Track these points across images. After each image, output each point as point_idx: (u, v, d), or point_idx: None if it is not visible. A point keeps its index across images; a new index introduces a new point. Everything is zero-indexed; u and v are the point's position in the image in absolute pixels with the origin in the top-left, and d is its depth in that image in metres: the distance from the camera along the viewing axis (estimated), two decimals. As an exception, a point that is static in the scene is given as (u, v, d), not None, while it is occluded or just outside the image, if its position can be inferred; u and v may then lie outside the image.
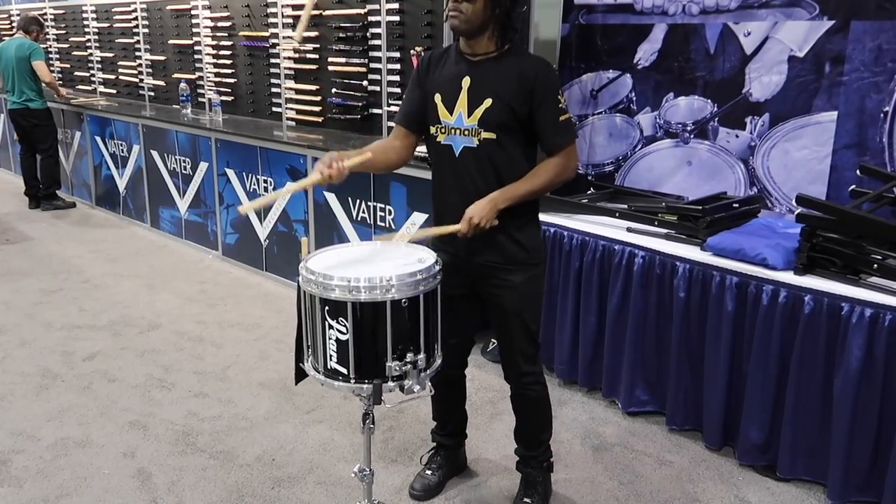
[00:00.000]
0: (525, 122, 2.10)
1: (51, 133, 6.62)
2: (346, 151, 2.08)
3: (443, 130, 2.15)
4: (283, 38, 4.89)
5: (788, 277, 2.50)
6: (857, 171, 2.82)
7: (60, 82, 7.25)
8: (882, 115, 2.79)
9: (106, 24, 6.88)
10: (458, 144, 2.12)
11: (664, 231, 2.96)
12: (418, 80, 2.22)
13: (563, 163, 2.11)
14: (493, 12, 2.03)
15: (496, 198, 2.06)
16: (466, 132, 2.10)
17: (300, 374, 2.09)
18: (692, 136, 3.37)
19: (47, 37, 7.62)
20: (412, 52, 3.93)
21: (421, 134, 2.24)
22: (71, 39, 7.48)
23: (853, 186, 2.83)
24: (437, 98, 2.15)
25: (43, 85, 6.45)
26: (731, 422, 2.74)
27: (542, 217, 3.22)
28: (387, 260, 2.04)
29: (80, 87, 7.47)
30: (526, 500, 2.40)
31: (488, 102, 2.06)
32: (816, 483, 2.56)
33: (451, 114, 2.12)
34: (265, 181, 4.62)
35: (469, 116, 2.09)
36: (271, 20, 4.98)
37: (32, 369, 3.47)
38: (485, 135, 2.08)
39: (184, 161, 5.36)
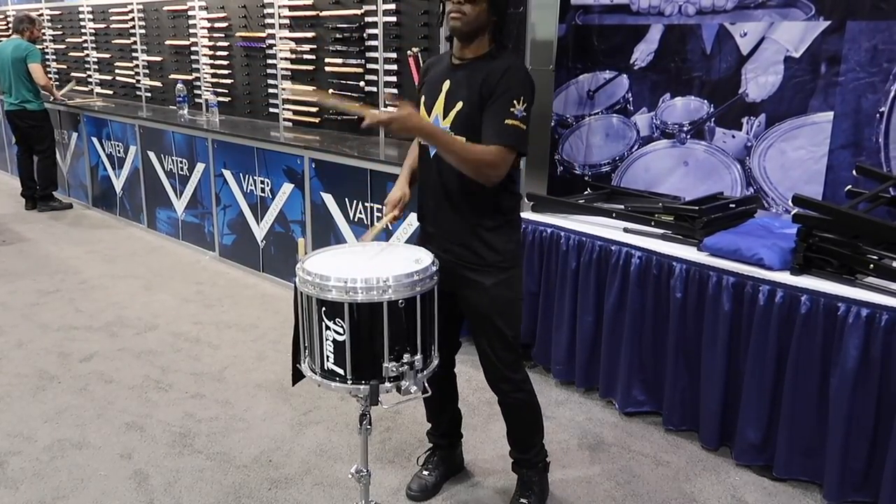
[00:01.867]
0: None
1: (48, 134, 6.61)
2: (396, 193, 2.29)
3: None
4: (280, 38, 4.89)
5: (785, 277, 2.50)
6: (854, 171, 2.83)
7: (57, 83, 7.24)
8: (878, 115, 2.80)
9: (102, 25, 6.88)
10: (434, 146, 2.12)
11: (661, 231, 2.96)
12: (420, 86, 2.27)
13: (492, 153, 1.97)
14: (493, 18, 2.05)
15: (426, 125, 1.99)
16: None
17: (297, 375, 2.09)
18: (689, 136, 3.37)
19: (44, 37, 7.60)
20: (409, 52, 3.94)
21: None
22: (67, 40, 7.47)
23: (849, 186, 2.84)
24: (422, 100, 2.18)
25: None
26: (728, 422, 2.74)
27: (540, 218, 3.25)
28: (384, 261, 2.04)
29: (76, 87, 7.46)
30: (522, 500, 2.40)
31: (459, 105, 2.07)
32: (813, 483, 2.56)
33: (430, 116, 2.14)
34: (262, 182, 4.61)
35: (444, 119, 2.10)
36: (268, 21, 4.98)
37: (29, 370, 3.46)
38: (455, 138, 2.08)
39: (180, 162, 5.35)
